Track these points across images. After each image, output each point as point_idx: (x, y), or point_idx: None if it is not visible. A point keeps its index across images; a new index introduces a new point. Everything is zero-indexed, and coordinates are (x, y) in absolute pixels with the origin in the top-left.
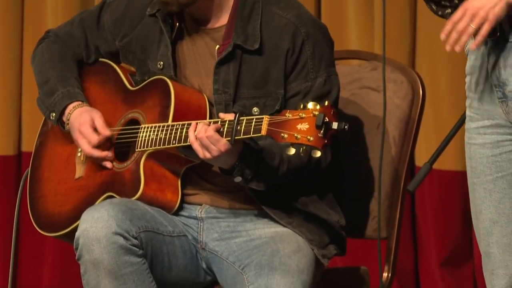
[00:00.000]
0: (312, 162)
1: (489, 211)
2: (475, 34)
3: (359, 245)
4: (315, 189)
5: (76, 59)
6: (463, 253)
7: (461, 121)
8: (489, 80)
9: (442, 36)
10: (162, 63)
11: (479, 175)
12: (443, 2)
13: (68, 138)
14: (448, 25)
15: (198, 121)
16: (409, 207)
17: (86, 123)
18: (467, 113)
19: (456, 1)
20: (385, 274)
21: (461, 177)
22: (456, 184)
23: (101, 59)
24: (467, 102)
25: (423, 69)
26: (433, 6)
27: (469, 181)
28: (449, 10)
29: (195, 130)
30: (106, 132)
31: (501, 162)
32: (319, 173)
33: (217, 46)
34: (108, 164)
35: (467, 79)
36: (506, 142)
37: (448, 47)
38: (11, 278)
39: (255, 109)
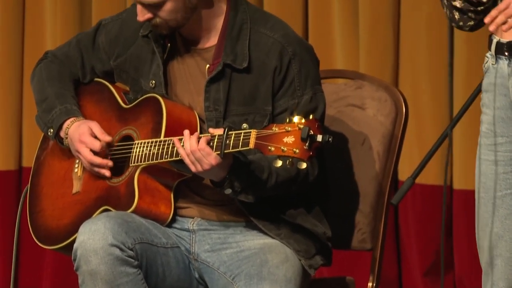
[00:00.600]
0: (300, 175)
1: (495, 225)
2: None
3: (344, 256)
4: (303, 202)
5: (72, 79)
6: (444, 264)
7: (442, 138)
8: (508, 98)
9: (487, 19)
10: (154, 82)
11: (488, 191)
12: (469, 14)
13: (65, 154)
14: (493, 12)
15: (190, 135)
16: (393, 219)
17: (85, 132)
18: (481, 129)
19: (482, 16)
20: (369, 284)
21: (441, 191)
22: (438, 198)
23: (96, 79)
24: (482, 118)
25: (406, 88)
26: (456, 14)
27: (477, 195)
28: (471, 22)
29: (185, 146)
30: (106, 138)
31: (511, 180)
32: (306, 186)
33: (208, 65)
34: (106, 173)
35: (483, 95)
36: None
37: (492, 27)
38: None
39: (244, 125)
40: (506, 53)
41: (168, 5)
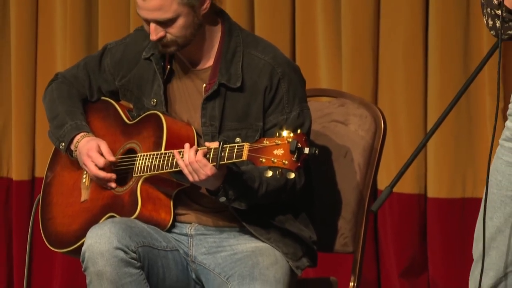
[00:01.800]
0: (288, 184)
1: (499, 220)
2: None
3: (328, 258)
4: (291, 209)
5: (81, 98)
6: (419, 265)
7: (417, 151)
8: None
9: None
10: (155, 100)
11: (501, 188)
12: (510, 23)
13: (74, 166)
14: None
15: (187, 149)
16: (372, 225)
17: (93, 148)
18: (506, 133)
19: None
20: (351, 284)
21: (417, 199)
22: (413, 205)
23: (103, 98)
24: (508, 124)
25: (384, 105)
26: (498, 23)
27: (489, 190)
28: (511, 31)
29: (184, 158)
30: (111, 157)
31: None
32: (294, 194)
33: (204, 85)
34: (112, 185)
35: (497, 104)
36: None
37: None
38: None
39: (237, 139)
40: None
41: (180, 20)
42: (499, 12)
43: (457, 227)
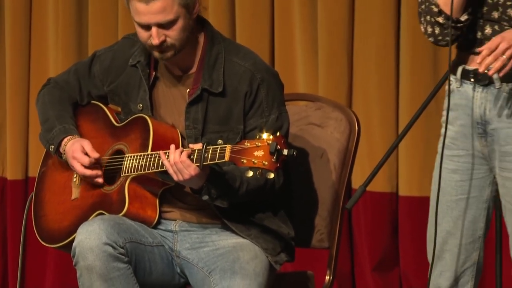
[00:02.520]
0: (268, 184)
1: (448, 224)
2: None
3: (305, 253)
4: (270, 207)
5: (72, 102)
6: (391, 260)
7: (389, 152)
8: (472, 118)
9: (479, 60)
10: (141, 105)
11: (445, 194)
12: (449, 29)
13: (64, 166)
14: (485, 51)
15: (172, 150)
16: (347, 222)
17: (77, 149)
18: (443, 141)
19: (459, 32)
20: (327, 277)
21: (389, 197)
22: (385, 203)
23: (92, 102)
24: (445, 132)
25: (358, 109)
26: (437, 30)
27: (433, 197)
28: (449, 37)
29: (169, 158)
30: (94, 154)
31: (466, 187)
32: (273, 193)
33: (188, 90)
34: (100, 180)
35: (448, 113)
36: (476, 171)
37: (481, 68)
38: (19, 283)
39: (220, 141)
40: (472, 79)
41: (180, 22)
42: (439, 19)
43: (427, 224)
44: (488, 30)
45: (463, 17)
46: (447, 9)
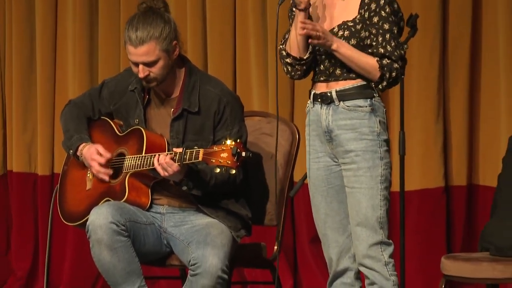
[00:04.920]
0: (231, 178)
1: (325, 208)
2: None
3: (259, 229)
4: (232, 195)
5: (86, 117)
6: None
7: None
8: (321, 128)
9: (301, 26)
10: (137, 120)
11: (317, 187)
12: (296, 66)
13: (81, 165)
14: (309, 26)
15: (160, 153)
16: (290, 206)
17: (94, 152)
18: (307, 149)
19: (305, 67)
20: (275, 248)
21: None
22: None
23: (102, 117)
24: (307, 141)
25: (299, 122)
26: (289, 68)
27: (311, 191)
28: (299, 72)
29: (158, 159)
30: (107, 154)
31: (330, 179)
32: (235, 185)
33: (172, 109)
34: (107, 177)
35: (307, 128)
36: (332, 167)
37: (301, 32)
38: (47, 253)
39: (195, 147)
40: (319, 100)
41: (160, 62)
42: (287, 60)
43: None
44: (327, 63)
45: (306, 56)
46: (293, 52)
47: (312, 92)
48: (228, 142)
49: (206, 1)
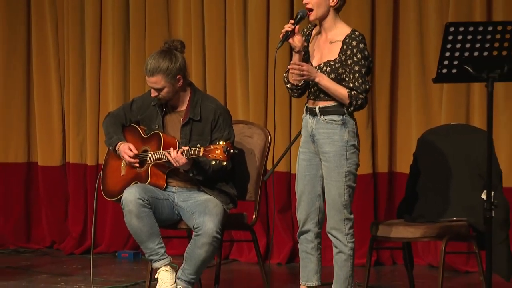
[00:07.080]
0: (223, 168)
1: (303, 187)
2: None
3: (242, 203)
4: (224, 179)
5: (121, 124)
6: (288, 206)
7: (285, 152)
8: (308, 132)
9: (292, 67)
10: (157, 126)
11: (300, 172)
12: (294, 90)
13: (117, 157)
14: (296, 66)
15: (173, 150)
16: (264, 187)
17: (127, 148)
18: (300, 145)
19: (301, 91)
20: (254, 216)
21: (286, 175)
22: (285, 179)
23: (132, 124)
24: (301, 143)
25: (270, 127)
26: (289, 91)
27: (296, 173)
28: (296, 94)
29: (171, 154)
30: (135, 151)
31: (309, 168)
32: (225, 172)
33: (181, 118)
34: (136, 165)
35: (302, 130)
36: (313, 161)
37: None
38: (94, 223)
39: (198, 145)
40: (308, 112)
41: (166, 89)
42: (288, 85)
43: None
44: (315, 88)
45: (300, 83)
46: (291, 81)
47: (305, 106)
48: (221, 142)
49: (205, 42)
